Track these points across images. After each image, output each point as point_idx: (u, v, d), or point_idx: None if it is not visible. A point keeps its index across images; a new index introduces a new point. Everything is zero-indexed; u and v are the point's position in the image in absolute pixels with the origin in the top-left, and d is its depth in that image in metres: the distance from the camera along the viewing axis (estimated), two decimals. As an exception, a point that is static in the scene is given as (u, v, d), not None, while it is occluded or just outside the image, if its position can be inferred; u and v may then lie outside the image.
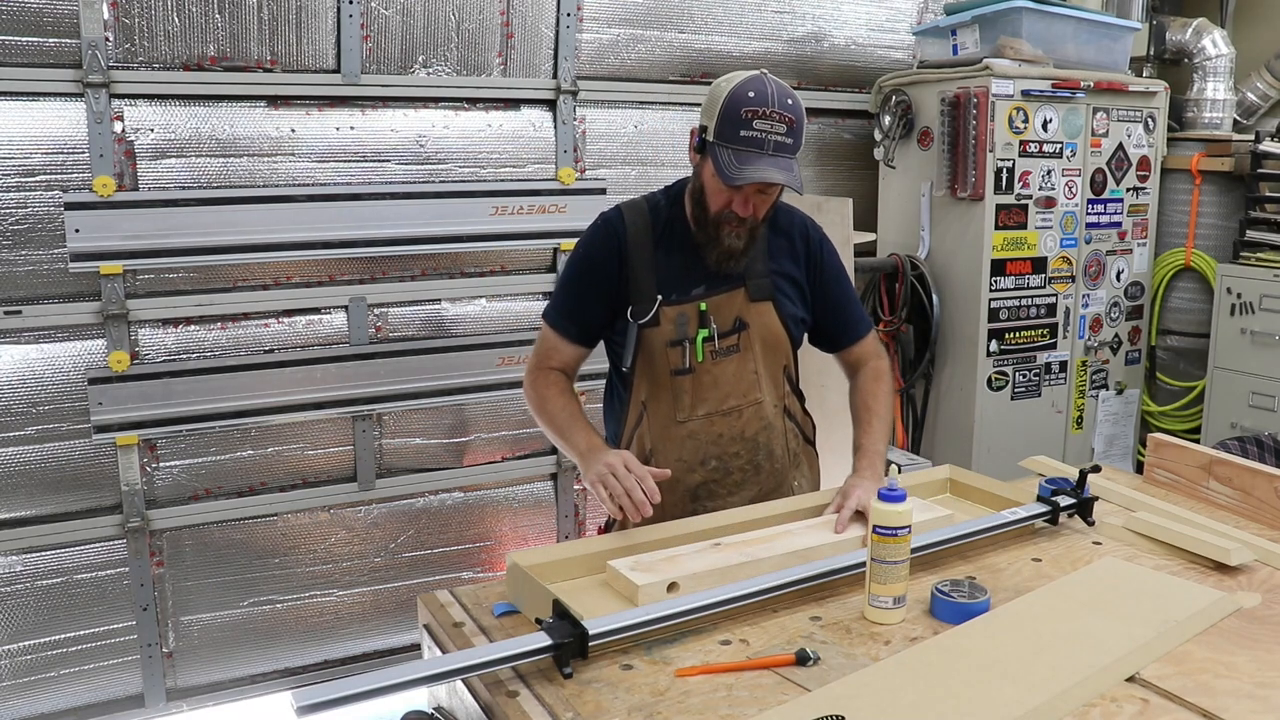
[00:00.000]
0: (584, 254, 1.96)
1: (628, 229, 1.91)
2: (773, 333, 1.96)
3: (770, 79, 1.76)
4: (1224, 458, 2.03)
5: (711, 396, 1.93)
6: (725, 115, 1.73)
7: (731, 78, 1.77)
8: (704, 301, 1.90)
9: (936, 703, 1.25)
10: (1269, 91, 3.99)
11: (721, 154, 1.74)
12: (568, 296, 1.97)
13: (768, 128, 1.72)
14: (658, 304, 1.88)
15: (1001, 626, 1.43)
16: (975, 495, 2.04)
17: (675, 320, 1.89)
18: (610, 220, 1.94)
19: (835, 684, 1.30)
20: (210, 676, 2.99)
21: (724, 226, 1.82)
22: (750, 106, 1.71)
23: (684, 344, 1.89)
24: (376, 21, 2.92)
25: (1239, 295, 3.52)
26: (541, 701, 1.29)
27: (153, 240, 2.72)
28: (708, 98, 1.80)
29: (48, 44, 2.56)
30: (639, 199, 1.99)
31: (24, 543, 2.71)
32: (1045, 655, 1.36)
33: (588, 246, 1.96)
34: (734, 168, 1.72)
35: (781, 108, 1.72)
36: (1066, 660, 1.35)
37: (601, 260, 1.91)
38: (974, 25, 3.44)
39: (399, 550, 3.19)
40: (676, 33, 3.35)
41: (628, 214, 1.93)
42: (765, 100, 1.72)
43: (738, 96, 1.72)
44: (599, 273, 1.91)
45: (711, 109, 1.77)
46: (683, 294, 1.90)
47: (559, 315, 1.98)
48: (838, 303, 2.04)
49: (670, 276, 1.90)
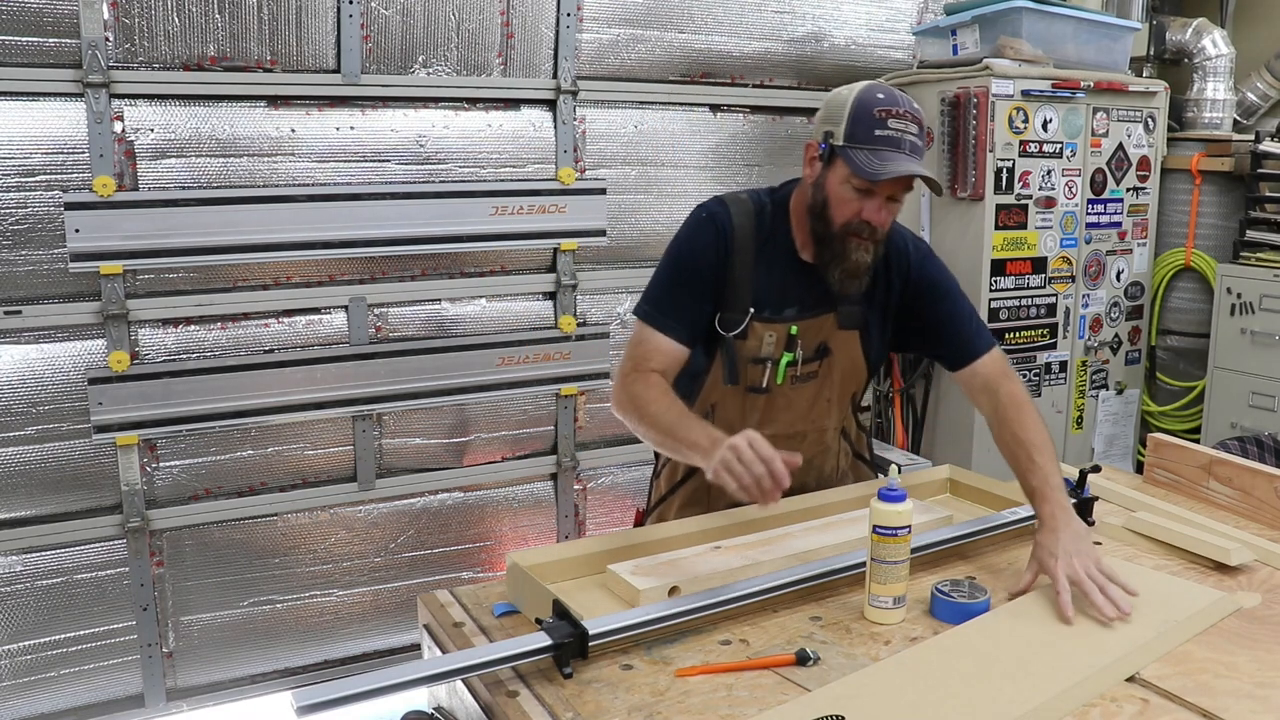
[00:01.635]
0: (689, 249, 1.82)
1: (735, 231, 1.79)
2: (854, 363, 1.89)
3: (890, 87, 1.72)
4: (1224, 458, 2.03)
5: (781, 419, 1.87)
6: (857, 117, 1.66)
7: (851, 87, 1.71)
8: (796, 324, 1.81)
9: (936, 703, 1.25)
10: (1269, 91, 3.99)
11: (857, 155, 1.65)
12: (673, 293, 1.81)
13: (902, 127, 1.66)
14: (749, 317, 1.79)
15: (1001, 626, 1.43)
16: (975, 495, 2.03)
17: (763, 338, 1.81)
18: (717, 217, 1.81)
19: (835, 684, 1.30)
20: (210, 676, 2.99)
21: (850, 240, 1.72)
22: (882, 106, 1.66)
23: (767, 363, 1.82)
24: (376, 21, 2.92)
25: (1239, 295, 3.52)
26: (541, 701, 1.29)
27: (153, 240, 2.72)
28: (827, 108, 1.72)
29: (48, 44, 2.56)
30: (744, 196, 1.85)
31: (24, 543, 2.71)
32: (1045, 655, 1.36)
33: (693, 241, 1.81)
34: (874, 165, 1.64)
35: (910, 109, 1.68)
36: (1066, 660, 1.35)
37: (708, 258, 1.79)
38: (974, 25, 3.44)
39: (399, 550, 3.19)
40: (676, 33, 3.35)
41: (735, 214, 1.81)
42: (896, 100, 1.67)
43: (867, 99, 1.67)
44: (704, 271, 1.79)
45: (837, 114, 1.69)
46: (775, 312, 1.81)
47: (663, 313, 1.80)
48: (946, 320, 1.88)
49: (765, 290, 1.80)
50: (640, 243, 3.42)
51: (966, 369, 1.85)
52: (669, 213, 3.45)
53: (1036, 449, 1.69)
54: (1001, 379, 1.82)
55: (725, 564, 1.61)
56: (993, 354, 1.85)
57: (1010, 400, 1.78)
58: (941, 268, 1.91)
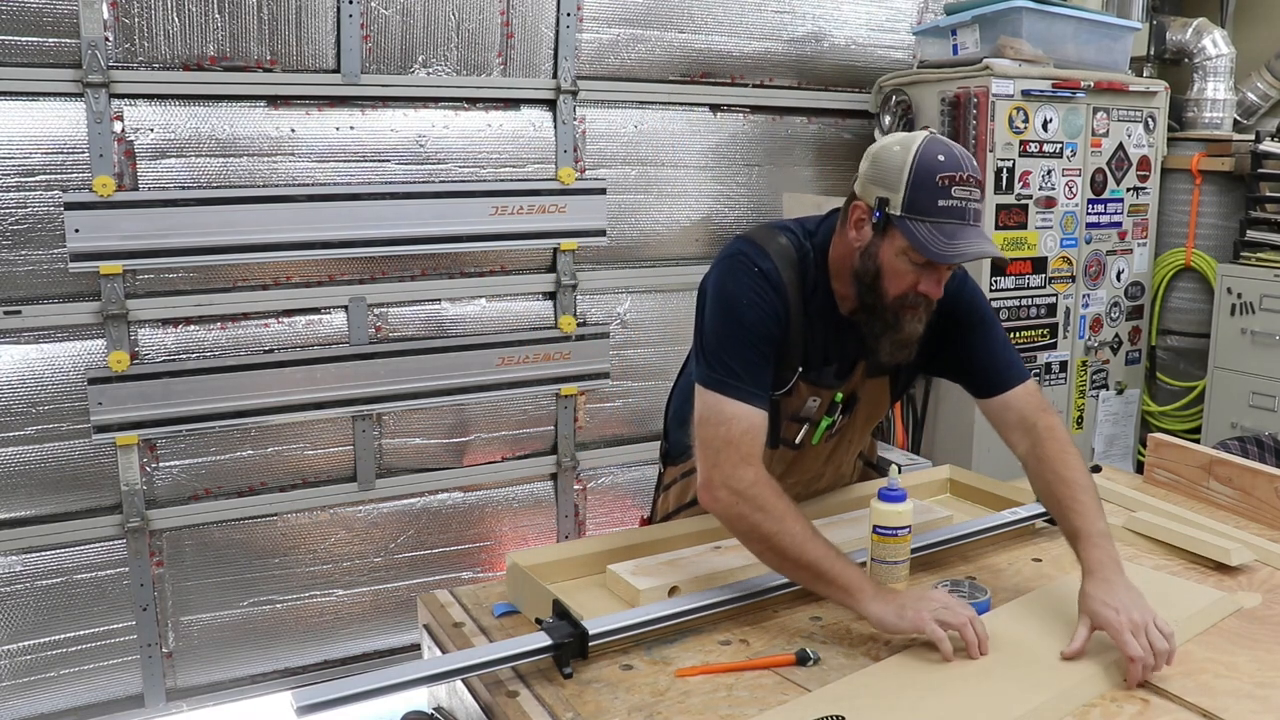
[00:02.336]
0: (758, 310, 1.61)
1: (786, 287, 1.63)
2: (879, 405, 1.84)
3: (945, 139, 1.57)
4: (1224, 458, 2.03)
5: (809, 473, 1.87)
6: (918, 183, 1.50)
7: (906, 143, 1.54)
8: (840, 391, 1.73)
9: (937, 703, 1.25)
10: (1269, 91, 3.99)
11: (918, 228, 1.50)
12: (746, 357, 1.58)
13: (966, 194, 1.52)
14: (797, 375, 1.69)
15: (1001, 626, 1.43)
16: (975, 495, 2.04)
17: (807, 399, 1.72)
18: (770, 276, 1.62)
19: (835, 684, 1.30)
20: (210, 676, 2.99)
21: (905, 312, 1.58)
22: (946, 173, 1.50)
23: (805, 424, 1.75)
24: (376, 21, 2.92)
25: (1239, 295, 3.52)
26: (541, 702, 1.29)
27: (152, 240, 2.71)
28: (878, 167, 1.56)
29: (47, 44, 2.56)
30: (784, 241, 1.67)
31: (24, 543, 2.70)
32: (1046, 655, 1.36)
33: (757, 300, 1.61)
34: (941, 243, 1.50)
35: (973, 171, 1.53)
36: (1067, 660, 1.35)
37: (776, 316, 1.62)
38: (974, 25, 3.44)
39: (399, 550, 3.19)
40: (676, 33, 3.35)
41: (783, 268, 1.64)
42: (960, 164, 1.52)
43: (930, 163, 1.51)
44: (774, 331, 1.62)
45: (893, 179, 1.52)
46: (818, 371, 1.71)
47: (743, 382, 1.56)
48: (979, 348, 1.75)
49: (811, 348, 1.68)
50: (640, 243, 3.42)
51: (998, 399, 1.71)
52: (669, 213, 3.45)
53: (1082, 489, 1.56)
54: (1039, 413, 1.68)
55: (725, 564, 1.61)
56: (1027, 386, 1.72)
57: (1050, 435, 1.64)
58: (977, 292, 1.80)
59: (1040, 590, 1.57)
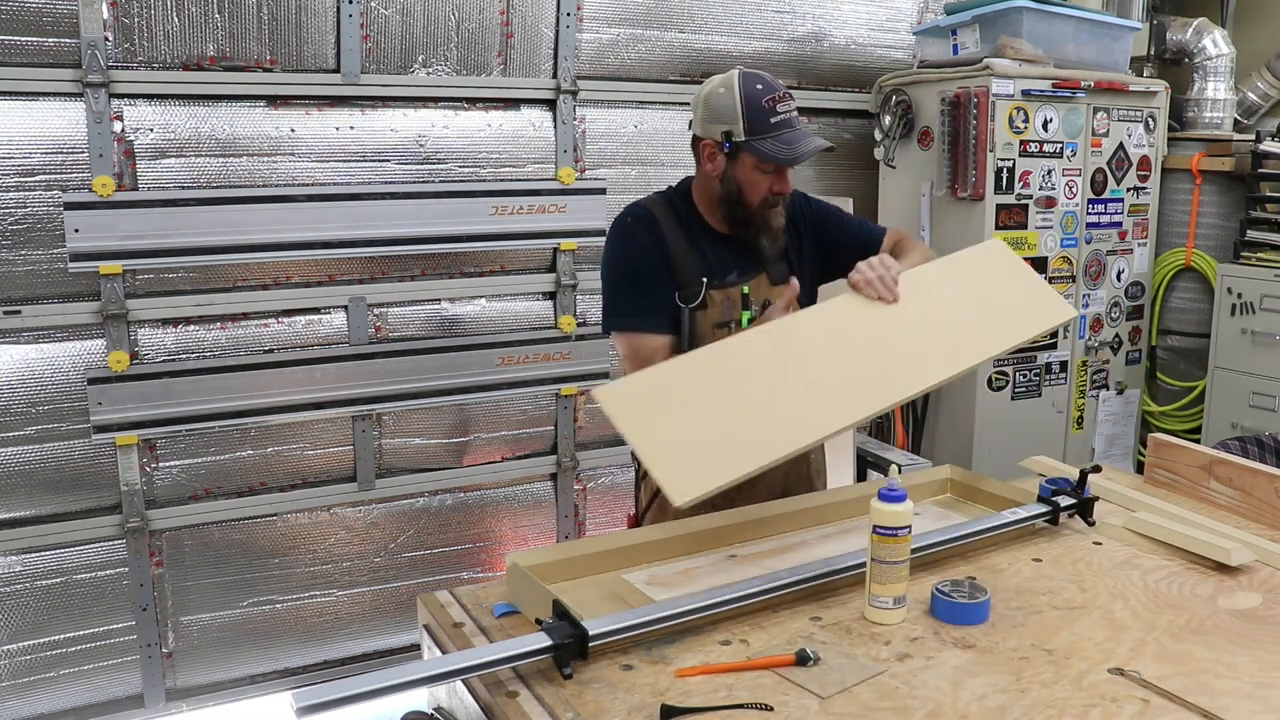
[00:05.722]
0: (630, 250, 2.00)
1: (659, 219, 1.99)
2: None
3: (752, 70, 1.95)
4: (1224, 458, 2.03)
5: None
6: (751, 111, 1.88)
7: (725, 83, 1.91)
8: (746, 286, 2.00)
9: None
10: (1269, 91, 3.99)
11: (764, 145, 1.88)
12: (637, 294, 1.98)
13: (787, 108, 1.91)
14: (704, 286, 1.97)
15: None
16: (975, 495, 2.04)
17: (722, 303, 1.98)
18: (640, 215, 2.01)
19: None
20: (210, 676, 2.99)
21: (768, 211, 1.96)
22: (768, 96, 1.88)
23: (730, 325, 1.98)
24: (376, 21, 2.92)
25: (1239, 295, 3.52)
26: (541, 702, 1.29)
27: (152, 240, 2.71)
28: (710, 108, 1.92)
29: (47, 44, 2.56)
30: (653, 196, 2.08)
31: (24, 543, 2.70)
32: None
33: (630, 242, 2.00)
34: (785, 150, 1.89)
35: (783, 87, 1.92)
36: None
37: (650, 249, 1.97)
38: (974, 25, 3.44)
39: (399, 550, 3.19)
40: (676, 33, 3.35)
41: (653, 208, 2.02)
42: (774, 87, 1.91)
43: (753, 92, 1.88)
44: (652, 261, 1.97)
45: (728, 113, 1.89)
46: (720, 279, 1.99)
47: (638, 314, 1.98)
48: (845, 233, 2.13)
49: (705, 263, 1.99)
50: (640, 243, 3.42)
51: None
52: (669, 213, 3.44)
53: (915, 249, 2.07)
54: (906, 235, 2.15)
55: (742, 574, 1.59)
56: (888, 231, 2.15)
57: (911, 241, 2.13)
58: (822, 201, 2.19)
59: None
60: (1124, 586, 1.62)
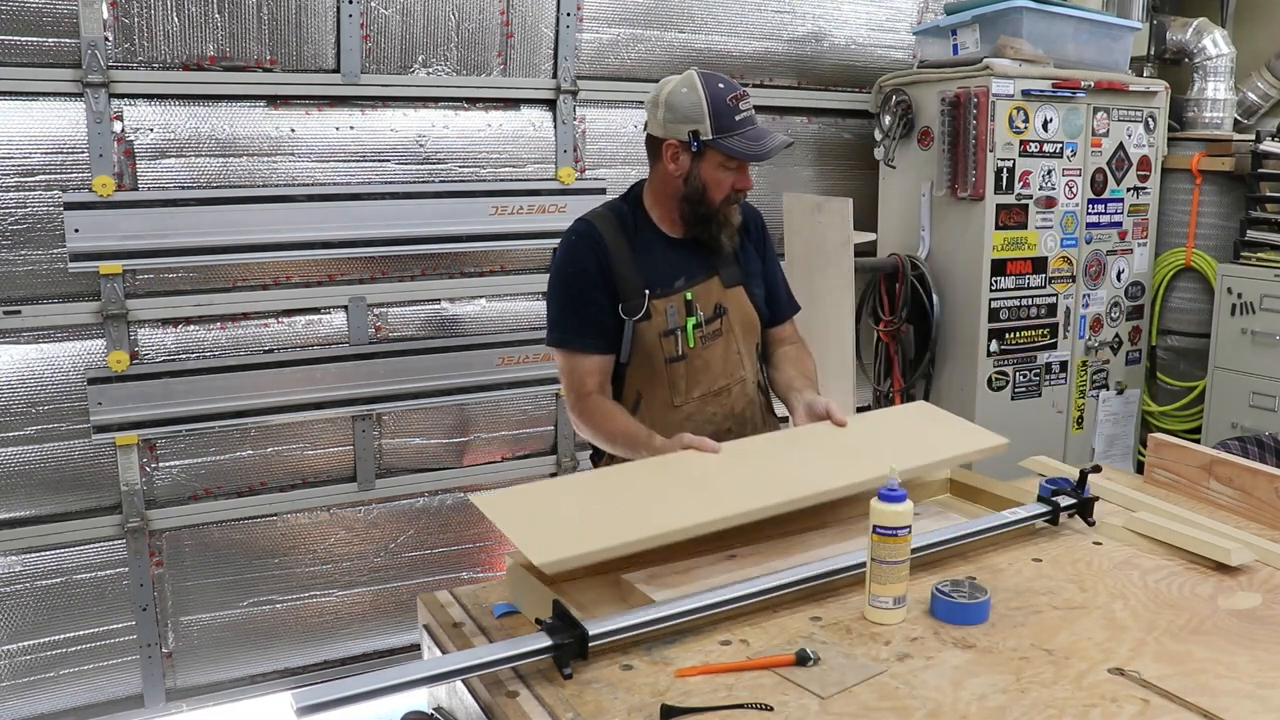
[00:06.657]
0: (571, 269, 2.04)
1: (603, 235, 2.03)
2: (747, 315, 2.13)
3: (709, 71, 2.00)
4: (1224, 458, 2.03)
5: (704, 379, 2.08)
6: (716, 111, 1.93)
7: (688, 83, 1.96)
8: (689, 291, 2.05)
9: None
10: (1269, 91, 3.99)
11: (731, 142, 1.94)
12: (575, 313, 2.03)
13: (748, 106, 1.97)
14: (647, 298, 2.01)
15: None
16: (975, 495, 2.03)
17: (665, 312, 2.03)
18: (583, 233, 2.05)
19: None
20: (210, 676, 2.99)
21: (729, 208, 2.03)
22: (730, 95, 1.94)
23: (675, 333, 2.04)
24: (376, 21, 2.92)
25: (1239, 295, 3.52)
26: (541, 702, 1.29)
27: (152, 240, 2.71)
28: (674, 110, 1.96)
29: (47, 44, 2.56)
30: (600, 209, 2.12)
31: (24, 543, 2.70)
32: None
33: (571, 261, 2.04)
34: (755, 146, 1.95)
35: (741, 86, 1.98)
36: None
37: (590, 268, 2.01)
38: (974, 25, 3.44)
39: (399, 550, 3.19)
40: (676, 33, 3.35)
41: (598, 223, 2.05)
42: (734, 86, 1.96)
43: (716, 92, 1.94)
44: (592, 280, 2.01)
45: (694, 112, 1.94)
46: (666, 287, 2.04)
47: (575, 335, 2.03)
48: (775, 282, 2.23)
49: (651, 274, 2.04)
50: (640, 243, 3.42)
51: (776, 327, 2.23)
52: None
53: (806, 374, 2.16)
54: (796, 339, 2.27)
55: (743, 575, 1.59)
56: (794, 318, 2.28)
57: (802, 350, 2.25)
58: (766, 229, 2.26)
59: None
60: (1124, 586, 1.62)
